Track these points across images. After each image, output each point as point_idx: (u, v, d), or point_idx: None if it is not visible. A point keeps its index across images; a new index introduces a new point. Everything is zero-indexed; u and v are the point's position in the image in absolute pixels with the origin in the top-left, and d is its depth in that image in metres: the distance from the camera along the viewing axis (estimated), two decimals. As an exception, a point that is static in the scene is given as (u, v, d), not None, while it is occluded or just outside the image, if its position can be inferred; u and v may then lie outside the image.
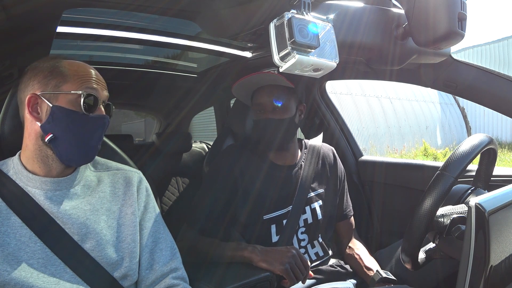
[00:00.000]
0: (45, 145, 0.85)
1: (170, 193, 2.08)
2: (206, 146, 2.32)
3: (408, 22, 1.01)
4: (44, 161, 0.86)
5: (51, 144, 0.84)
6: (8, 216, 0.81)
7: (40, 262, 0.80)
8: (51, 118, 0.83)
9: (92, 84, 0.87)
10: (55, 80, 0.84)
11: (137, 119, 13.73)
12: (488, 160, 1.03)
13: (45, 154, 0.86)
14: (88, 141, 0.86)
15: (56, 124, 0.83)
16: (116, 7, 1.01)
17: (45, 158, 0.86)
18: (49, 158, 0.86)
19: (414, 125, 11.76)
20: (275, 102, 1.28)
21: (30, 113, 0.84)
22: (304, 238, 1.34)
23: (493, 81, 1.20)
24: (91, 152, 0.89)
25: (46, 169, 0.86)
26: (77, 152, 0.86)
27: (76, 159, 0.87)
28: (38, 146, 0.85)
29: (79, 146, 0.85)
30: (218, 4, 0.92)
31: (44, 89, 0.84)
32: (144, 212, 0.97)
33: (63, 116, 0.83)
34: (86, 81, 0.86)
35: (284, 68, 0.83)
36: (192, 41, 1.69)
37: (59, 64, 0.87)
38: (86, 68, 0.89)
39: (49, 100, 0.84)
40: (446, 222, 0.87)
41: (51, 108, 0.83)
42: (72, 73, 0.86)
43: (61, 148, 0.84)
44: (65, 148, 0.84)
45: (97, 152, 0.91)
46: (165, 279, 0.94)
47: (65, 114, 0.83)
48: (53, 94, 0.84)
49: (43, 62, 0.87)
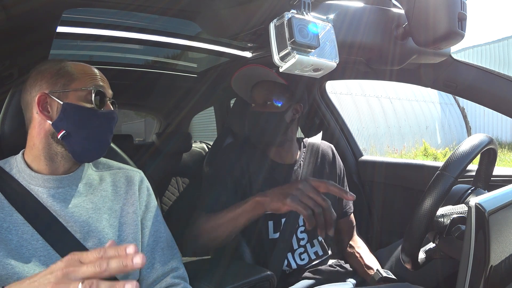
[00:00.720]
0: (56, 142, 0.86)
1: (170, 193, 2.08)
2: (206, 146, 2.32)
3: (408, 22, 1.01)
4: (53, 158, 0.87)
5: (64, 140, 0.86)
6: (10, 213, 0.81)
7: (42, 259, 0.80)
8: (63, 115, 0.85)
9: (99, 82, 0.90)
10: (63, 79, 0.87)
11: (137, 119, 13.74)
12: (488, 160, 1.03)
13: (55, 152, 0.87)
14: (100, 136, 0.89)
15: (68, 121, 0.85)
16: (116, 7, 1.01)
17: (54, 155, 0.87)
18: (58, 156, 0.88)
19: (414, 125, 11.77)
20: (267, 96, 1.31)
21: (41, 112, 0.86)
22: (303, 237, 1.34)
23: (493, 81, 1.20)
24: (104, 146, 0.91)
25: (53, 167, 0.88)
26: (90, 146, 0.88)
27: (89, 155, 0.90)
28: (48, 144, 0.87)
29: (92, 141, 0.88)
30: (218, 4, 0.92)
31: (53, 88, 0.86)
32: (145, 211, 0.97)
33: (74, 112, 0.85)
34: (93, 79, 0.89)
35: (284, 68, 0.83)
36: (192, 41, 1.69)
37: (65, 64, 0.90)
38: (91, 68, 0.92)
39: (59, 98, 0.85)
40: (446, 222, 0.87)
41: (62, 105, 0.85)
42: (79, 72, 0.89)
43: (74, 143, 0.86)
44: (78, 143, 0.86)
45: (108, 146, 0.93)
46: (166, 278, 0.94)
47: (77, 110, 0.85)
48: (62, 92, 0.86)
49: (47, 64, 0.90)
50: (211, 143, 2.32)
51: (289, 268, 1.31)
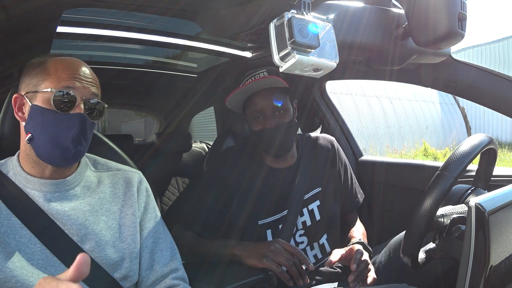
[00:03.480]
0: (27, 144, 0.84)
1: (170, 193, 2.08)
2: (206, 146, 2.32)
3: (408, 22, 1.01)
4: (36, 161, 0.85)
5: (31, 144, 0.83)
6: (8, 217, 0.81)
7: (40, 263, 0.80)
8: (30, 117, 0.83)
9: (72, 81, 0.82)
10: (36, 79, 0.83)
11: (137, 119, 13.72)
12: (488, 160, 1.03)
13: (32, 154, 0.84)
14: (62, 142, 0.81)
15: (34, 124, 0.82)
16: (116, 7, 1.01)
17: (34, 157, 0.85)
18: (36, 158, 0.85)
19: (414, 125, 11.77)
20: (275, 103, 1.24)
21: (16, 113, 0.84)
22: (302, 241, 1.32)
23: (493, 81, 1.20)
24: (67, 153, 0.82)
25: (39, 169, 0.85)
26: (52, 152, 0.82)
27: (54, 160, 0.83)
28: (28, 147, 0.84)
29: (53, 147, 0.81)
30: (218, 4, 0.92)
31: (28, 89, 0.84)
32: (144, 213, 0.97)
33: (38, 115, 0.82)
34: (64, 78, 0.82)
35: (284, 68, 0.83)
36: (192, 41, 1.69)
37: (45, 62, 0.85)
38: (72, 65, 0.85)
39: (30, 100, 0.83)
40: (446, 222, 0.87)
41: (30, 107, 0.82)
42: (52, 70, 0.83)
43: (38, 148, 0.83)
44: (42, 148, 0.82)
45: (80, 154, 0.85)
46: (166, 280, 0.94)
47: (40, 112, 0.81)
48: (32, 93, 0.83)
49: (34, 61, 0.87)
50: (211, 143, 2.32)
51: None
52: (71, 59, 0.88)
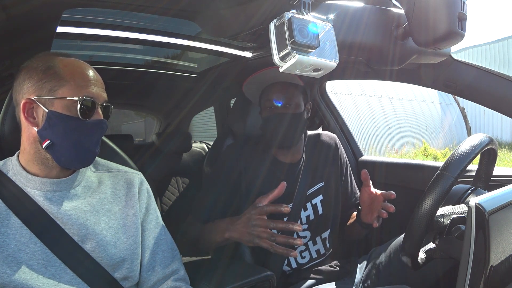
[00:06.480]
0: (44, 149, 0.83)
1: (170, 193, 2.08)
2: (206, 146, 2.33)
3: (408, 22, 1.01)
4: (45, 163, 0.85)
5: (49, 150, 0.83)
6: (7, 217, 0.80)
7: (40, 263, 0.80)
8: (47, 124, 0.81)
9: (90, 88, 0.84)
10: (50, 84, 0.81)
11: (137, 119, 13.73)
12: (488, 160, 1.03)
13: (45, 157, 0.85)
14: (86, 146, 0.85)
15: (53, 130, 0.81)
16: (116, 7, 1.01)
17: (45, 160, 0.85)
18: (49, 161, 0.85)
19: (414, 125, 11.76)
20: (288, 96, 1.30)
21: (26, 118, 0.82)
22: (305, 235, 1.34)
23: (493, 81, 1.20)
24: (90, 157, 0.87)
25: (46, 170, 0.86)
26: (75, 157, 0.84)
27: (75, 164, 0.86)
28: (37, 150, 0.84)
29: (77, 152, 0.84)
30: (218, 4, 0.92)
31: (39, 93, 0.81)
32: (145, 214, 0.97)
33: (59, 122, 0.81)
34: (83, 86, 0.83)
35: (284, 68, 0.83)
36: (192, 41, 1.68)
37: (54, 64, 0.83)
38: (83, 70, 0.86)
39: (44, 105, 0.81)
40: (446, 222, 0.87)
41: (47, 113, 0.81)
42: (68, 76, 0.82)
43: (59, 153, 0.83)
44: (63, 153, 0.83)
45: (96, 156, 0.89)
46: (167, 281, 0.94)
47: (62, 119, 0.81)
48: (48, 99, 0.81)
49: (36, 61, 0.84)
50: (211, 143, 2.32)
51: (289, 267, 1.31)
52: (79, 62, 0.88)
